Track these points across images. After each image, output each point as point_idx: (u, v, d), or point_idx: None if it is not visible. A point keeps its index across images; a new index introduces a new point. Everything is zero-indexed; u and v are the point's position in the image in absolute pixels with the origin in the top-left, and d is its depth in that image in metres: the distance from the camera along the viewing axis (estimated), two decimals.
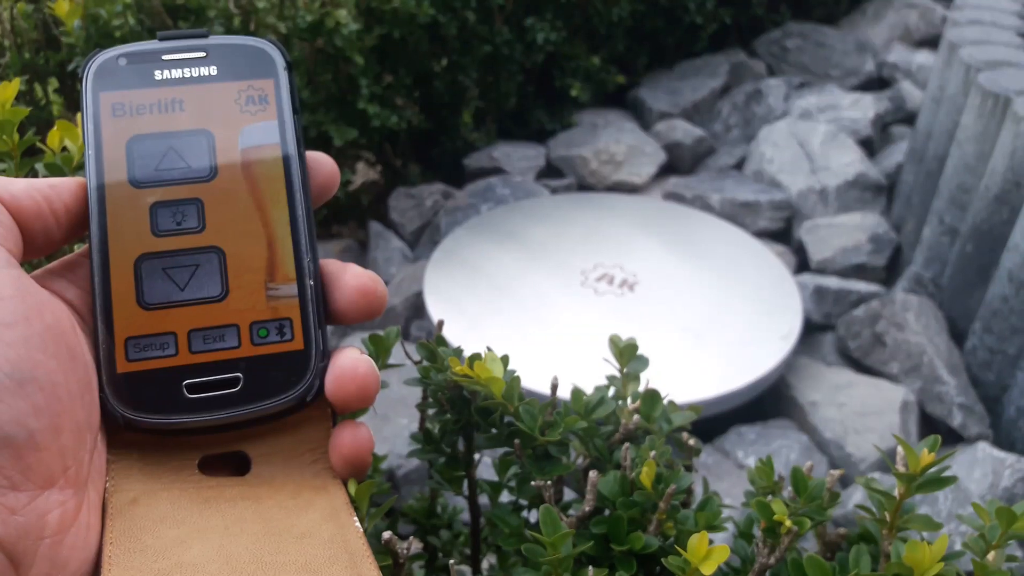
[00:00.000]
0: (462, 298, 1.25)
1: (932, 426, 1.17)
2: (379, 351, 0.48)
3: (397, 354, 1.19)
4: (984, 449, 1.05)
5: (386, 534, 0.38)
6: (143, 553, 0.27)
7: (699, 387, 1.09)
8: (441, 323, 0.54)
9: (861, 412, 1.13)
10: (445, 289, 1.27)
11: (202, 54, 0.33)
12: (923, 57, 2.01)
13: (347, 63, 1.37)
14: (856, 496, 0.98)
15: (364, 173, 1.75)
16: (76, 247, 0.40)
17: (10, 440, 0.24)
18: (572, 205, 1.50)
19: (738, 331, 1.20)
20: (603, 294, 1.26)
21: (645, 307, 1.24)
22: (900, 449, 0.39)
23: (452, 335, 1.14)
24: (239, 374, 0.31)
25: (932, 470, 0.38)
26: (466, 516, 0.54)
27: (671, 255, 1.36)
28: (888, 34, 2.17)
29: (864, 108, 1.79)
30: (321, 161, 0.34)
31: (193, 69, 0.32)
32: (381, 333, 0.48)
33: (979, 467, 1.03)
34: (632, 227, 1.43)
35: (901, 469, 0.39)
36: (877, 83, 2.04)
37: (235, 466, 0.31)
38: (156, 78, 0.32)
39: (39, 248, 0.30)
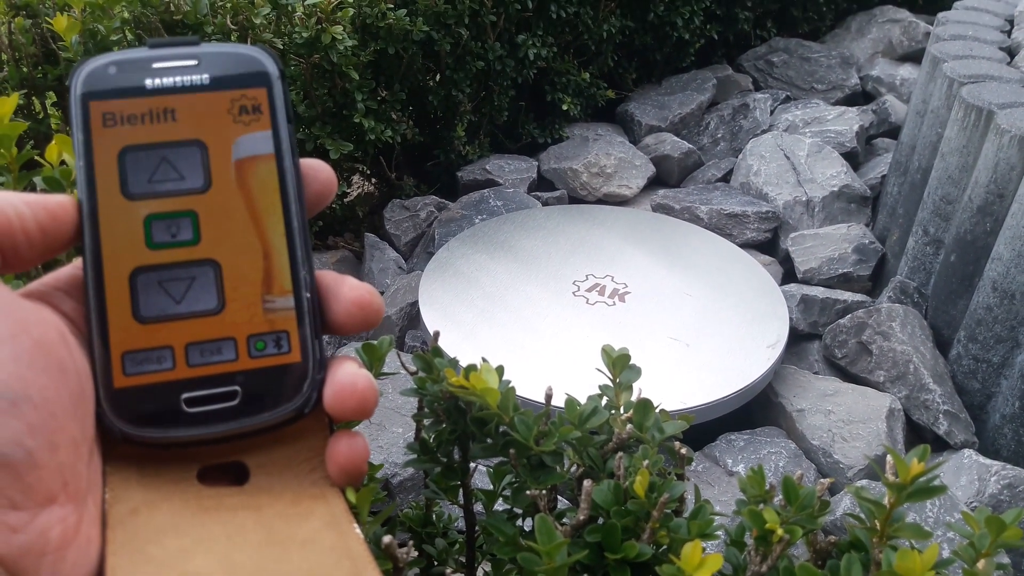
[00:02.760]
0: (456, 308, 1.26)
1: (918, 433, 1.18)
2: (373, 360, 0.48)
3: (392, 363, 1.20)
4: (970, 456, 1.07)
5: (386, 538, 0.39)
6: (147, 563, 0.27)
7: (688, 395, 1.10)
8: (437, 334, 0.55)
9: (848, 420, 1.14)
10: (439, 299, 1.28)
11: (194, 62, 0.32)
12: (906, 71, 2.04)
13: (343, 78, 1.38)
14: (844, 503, 0.99)
15: (360, 185, 1.77)
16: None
17: (7, 459, 0.24)
18: (563, 217, 1.52)
19: (726, 340, 1.21)
20: (594, 304, 1.27)
21: (636, 317, 1.25)
22: (890, 458, 0.40)
23: (446, 345, 1.15)
24: (237, 387, 0.30)
25: (922, 479, 0.39)
26: (461, 524, 0.55)
27: (660, 266, 1.38)
28: (871, 49, 2.20)
29: (849, 121, 1.82)
30: (317, 168, 0.33)
31: (185, 77, 0.31)
32: (375, 343, 0.49)
33: (965, 474, 1.05)
34: (622, 238, 1.45)
35: (891, 478, 0.39)
36: (861, 97, 2.07)
37: (233, 475, 0.31)
38: (147, 87, 0.31)
39: (7, 266, 0.29)
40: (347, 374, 0.31)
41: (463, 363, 1.09)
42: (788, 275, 1.49)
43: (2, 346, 0.25)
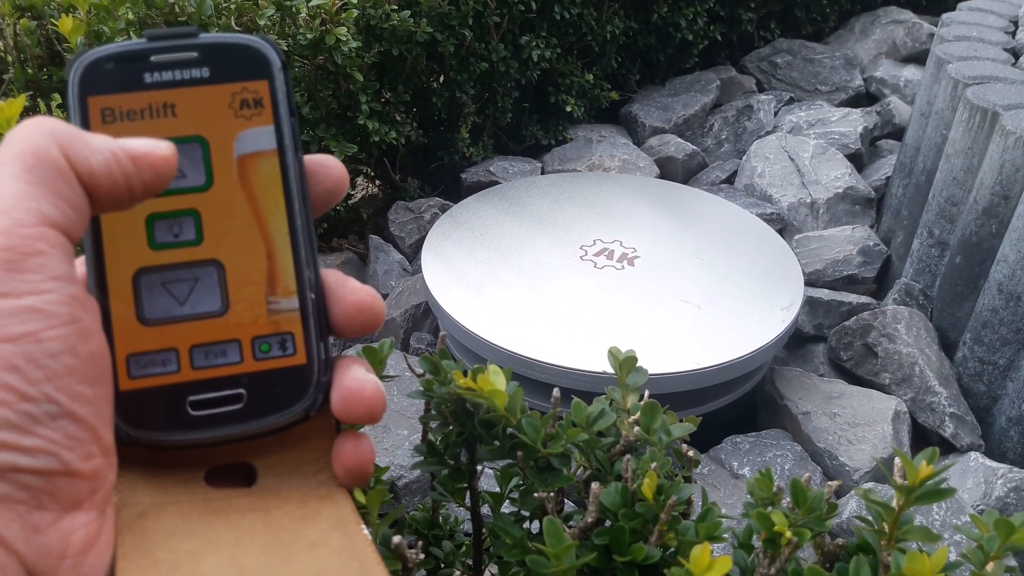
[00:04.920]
0: (462, 267, 1.22)
1: (924, 436, 1.18)
2: (374, 364, 0.48)
3: (397, 366, 1.19)
4: (977, 459, 1.07)
5: (396, 538, 0.39)
6: (156, 567, 0.27)
7: (701, 356, 1.07)
8: (444, 337, 0.55)
9: (853, 422, 1.14)
10: (442, 269, 1.23)
11: (193, 54, 0.31)
12: (910, 72, 2.04)
13: (347, 80, 1.38)
14: (851, 506, 0.99)
15: (364, 187, 1.77)
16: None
17: (42, 470, 0.24)
18: (568, 184, 1.48)
19: (739, 303, 1.18)
20: (603, 268, 1.24)
21: (645, 280, 1.22)
22: (898, 461, 0.40)
23: (452, 308, 1.12)
24: (242, 390, 0.30)
25: (930, 482, 0.39)
26: (468, 527, 0.55)
27: (670, 230, 1.34)
28: (875, 50, 2.20)
29: (852, 123, 1.82)
30: (328, 165, 0.33)
31: (184, 71, 0.31)
32: (375, 346, 0.48)
33: (972, 477, 1.04)
34: (629, 205, 1.41)
35: (899, 481, 0.39)
36: (865, 98, 2.07)
37: (241, 476, 0.31)
38: (146, 81, 0.30)
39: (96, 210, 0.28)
40: (355, 380, 0.31)
41: (469, 325, 1.08)
42: None
43: (59, 358, 0.25)
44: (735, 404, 1.19)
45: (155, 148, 0.28)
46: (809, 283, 1.44)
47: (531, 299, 1.17)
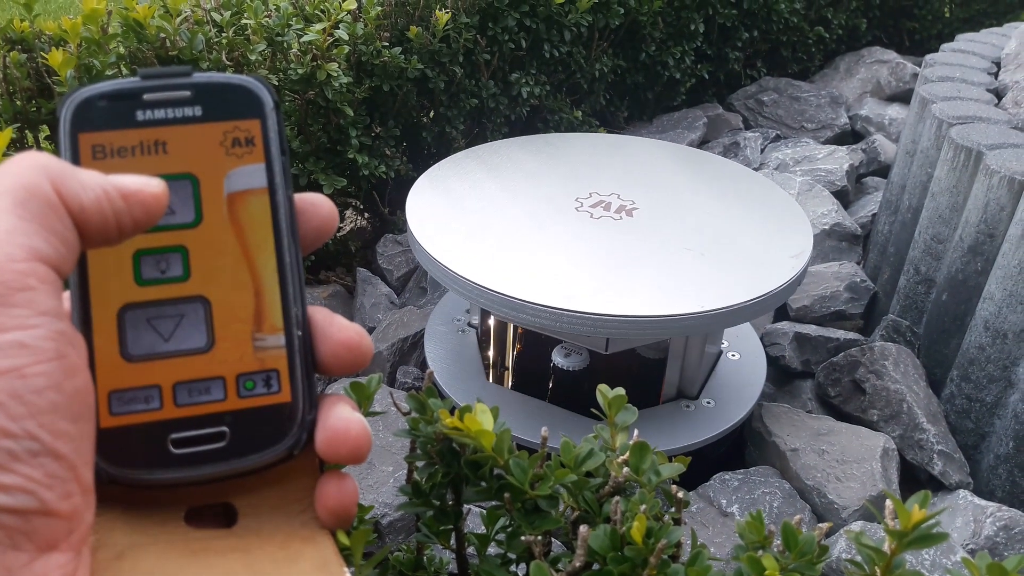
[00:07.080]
0: (448, 221, 1.18)
1: (912, 473, 1.18)
2: (361, 399, 0.47)
3: (383, 401, 1.17)
4: (965, 497, 1.06)
5: None
6: None
7: (707, 300, 1.02)
8: (431, 373, 0.54)
9: (842, 459, 1.13)
10: (430, 216, 1.19)
11: (186, 93, 0.31)
12: (894, 111, 2.07)
13: (337, 114, 1.39)
14: (840, 544, 0.98)
15: (352, 220, 1.77)
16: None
17: (19, 508, 0.24)
18: (561, 141, 1.44)
19: (747, 251, 1.13)
20: (599, 219, 1.19)
21: (645, 230, 1.17)
22: (889, 503, 0.39)
23: (438, 254, 1.08)
24: (225, 428, 0.30)
25: (923, 526, 0.38)
26: (453, 567, 0.54)
27: (669, 185, 1.29)
28: (860, 88, 2.24)
29: (839, 160, 1.84)
30: (318, 204, 0.33)
31: (176, 109, 0.31)
32: (363, 381, 0.48)
33: (961, 515, 1.04)
34: (626, 162, 1.36)
35: (891, 524, 0.39)
36: (850, 136, 2.10)
37: (222, 516, 0.31)
38: (138, 119, 0.31)
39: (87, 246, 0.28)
40: (340, 419, 0.31)
41: (460, 264, 1.03)
42: (780, 313, 1.50)
43: (44, 394, 0.25)
44: (723, 440, 1.18)
45: (146, 185, 0.28)
46: (796, 319, 1.44)
47: (523, 246, 1.11)
